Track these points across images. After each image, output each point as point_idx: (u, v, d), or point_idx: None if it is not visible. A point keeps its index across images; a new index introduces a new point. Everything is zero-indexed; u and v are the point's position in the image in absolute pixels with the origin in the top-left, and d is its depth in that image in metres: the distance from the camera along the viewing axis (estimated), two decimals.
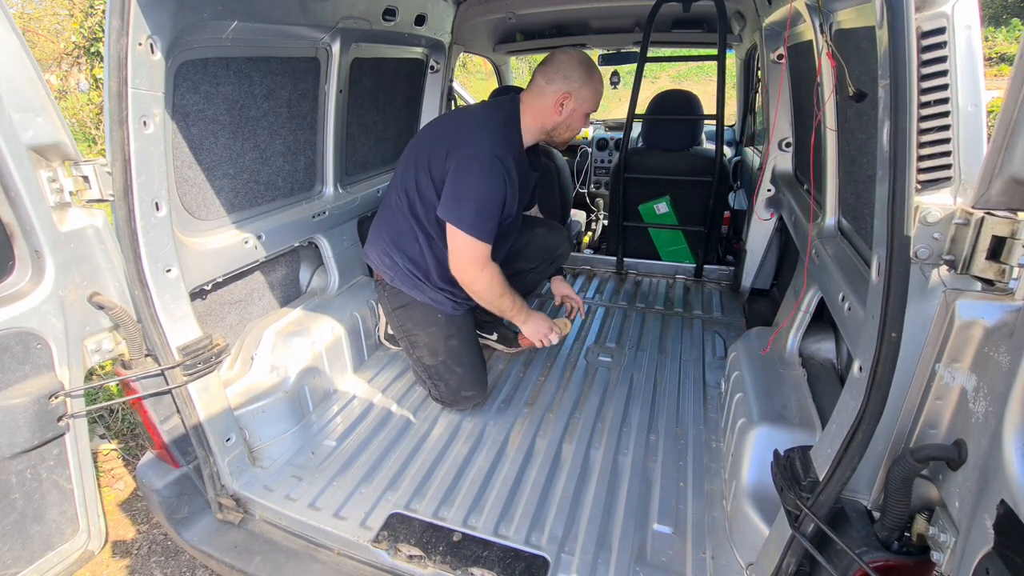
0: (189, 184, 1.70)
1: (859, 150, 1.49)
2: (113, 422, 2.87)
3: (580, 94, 1.88)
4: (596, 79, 1.90)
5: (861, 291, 1.29)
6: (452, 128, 1.93)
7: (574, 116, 1.92)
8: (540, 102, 1.89)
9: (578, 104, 1.89)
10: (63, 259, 1.30)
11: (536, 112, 1.91)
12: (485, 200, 1.78)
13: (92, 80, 8.85)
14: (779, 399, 1.61)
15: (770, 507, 1.37)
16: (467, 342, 2.06)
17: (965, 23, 0.83)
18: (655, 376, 2.34)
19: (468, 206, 1.77)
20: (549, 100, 1.88)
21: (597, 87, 1.92)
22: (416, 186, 1.93)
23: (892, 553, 0.94)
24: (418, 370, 2.15)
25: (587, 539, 1.56)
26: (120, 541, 2.32)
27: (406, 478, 1.79)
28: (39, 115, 1.21)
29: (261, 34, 1.79)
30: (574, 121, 1.94)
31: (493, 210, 1.80)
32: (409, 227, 2.00)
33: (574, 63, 1.86)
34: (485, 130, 1.86)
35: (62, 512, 1.41)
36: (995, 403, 0.78)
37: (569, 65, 1.86)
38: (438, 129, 1.98)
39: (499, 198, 1.80)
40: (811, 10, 1.61)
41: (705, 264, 3.32)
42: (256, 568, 1.54)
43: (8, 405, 1.23)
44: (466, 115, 1.98)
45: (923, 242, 0.85)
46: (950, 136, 0.86)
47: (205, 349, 1.57)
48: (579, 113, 1.92)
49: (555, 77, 1.86)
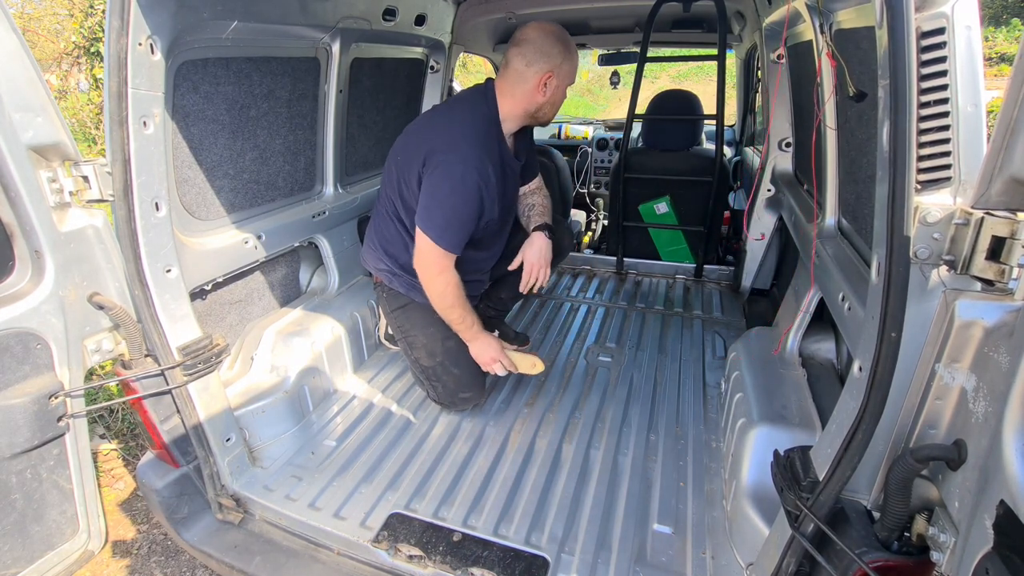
0: (189, 184, 1.70)
1: (859, 150, 1.49)
2: (113, 422, 2.87)
3: (562, 70, 1.82)
4: (573, 50, 1.85)
5: (861, 291, 1.29)
6: (428, 131, 1.88)
7: (558, 92, 1.87)
8: (521, 87, 1.82)
9: (561, 80, 1.85)
10: (63, 259, 1.30)
11: (518, 98, 1.85)
12: (455, 211, 1.75)
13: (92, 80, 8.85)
14: (779, 399, 1.61)
15: (770, 507, 1.37)
16: (464, 343, 2.06)
17: (965, 23, 0.83)
18: (655, 376, 2.34)
19: (438, 216, 1.76)
20: (531, 83, 1.81)
21: (575, 58, 1.87)
22: (398, 191, 1.91)
23: (892, 553, 0.94)
24: (416, 371, 2.15)
25: (587, 539, 1.56)
26: (120, 541, 2.32)
27: (406, 478, 1.79)
28: (39, 115, 1.21)
29: (261, 34, 1.79)
30: (558, 97, 1.89)
31: (463, 221, 1.77)
32: (397, 233, 1.99)
33: (551, 39, 1.79)
34: (460, 133, 1.80)
35: (62, 512, 1.41)
36: (995, 403, 0.78)
37: (546, 42, 1.78)
38: (416, 131, 1.93)
39: (470, 211, 1.77)
40: (811, 10, 1.61)
41: (705, 264, 3.32)
42: (256, 568, 1.54)
43: (8, 405, 1.23)
44: (442, 116, 1.93)
45: (923, 242, 0.85)
46: (950, 136, 0.86)
47: (205, 349, 1.57)
48: (562, 88, 1.88)
49: (535, 58, 1.78)
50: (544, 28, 1.81)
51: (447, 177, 1.74)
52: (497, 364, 2.01)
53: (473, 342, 2.00)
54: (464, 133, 1.80)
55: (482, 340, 2.00)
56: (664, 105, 3.37)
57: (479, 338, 1.99)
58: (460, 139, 1.78)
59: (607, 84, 6.15)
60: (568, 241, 2.47)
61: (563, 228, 2.44)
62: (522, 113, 1.89)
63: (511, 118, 1.90)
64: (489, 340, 2.01)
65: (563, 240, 2.38)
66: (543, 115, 1.92)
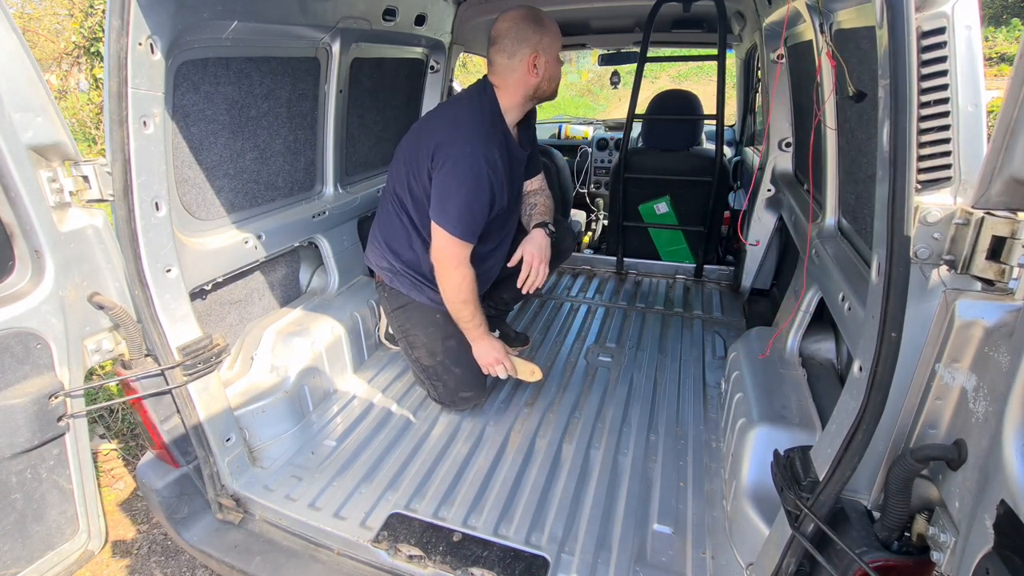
0: (189, 184, 1.70)
1: (859, 150, 1.49)
2: (113, 422, 2.87)
3: (543, 45, 1.82)
4: (547, 22, 1.84)
5: (861, 291, 1.29)
6: (435, 127, 1.91)
7: (550, 67, 1.87)
8: (513, 77, 1.85)
9: (548, 55, 1.84)
10: (63, 259, 1.30)
11: (513, 87, 1.87)
12: (470, 202, 1.78)
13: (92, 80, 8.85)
14: (779, 399, 1.61)
15: (770, 507, 1.37)
16: (465, 343, 2.06)
17: (965, 23, 0.83)
18: (655, 376, 2.34)
19: (451, 208, 1.78)
20: (520, 71, 1.83)
21: (553, 28, 1.85)
22: (407, 187, 1.93)
23: (892, 553, 0.94)
24: (417, 371, 2.15)
25: (587, 539, 1.56)
26: (120, 541, 2.32)
27: (406, 478, 1.79)
28: (39, 115, 1.21)
29: (261, 34, 1.79)
30: (553, 71, 1.89)
31: (478, 210, 1.80)
32: (403, 229, 2.00)
33: (522, 23, 1.80)
34: (466, 126, 1.84)
35: (62, 512, 1.41)
36: (995, 403, 0.78)
37: (519, 28, 1.80)
38: (422, 128, 1.96)
39: (484, 199, 1.79)
40: (811, 10, 1.61)
41: (705, 264, 3.32)
42: (256, 568, 1.54)
43: (8, 405, 1.23)
44: (447, 112, 1.96)
45: (923, 242, 0.85)
46: (950, 136, 0.86)
47: (205, 349, 1.57)
48: (552, 61, 1.87)
49: (515, 48, 1.81)
50: (511, 16, 1.83)
51: (458, 169, 1.77)
52: (500, 366, 2.02)
53: (478, 342, 2.01)
54: (470, 125, 1.84)
55: (487, 341, 2.01)
56: (664, 105, 3.37)
57: (485, 339, 2.01)
58: (466, 132, 1.82)
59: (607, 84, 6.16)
60: (569, 242, 2.47)
61: (564, 229, 2.44)
62: (522, 99, 1.91)
63: (512, 108, 1.92)
64: (493, 342, 2.03)
65: (564, 241, 2.38)
66: (543, 92, 1.93)
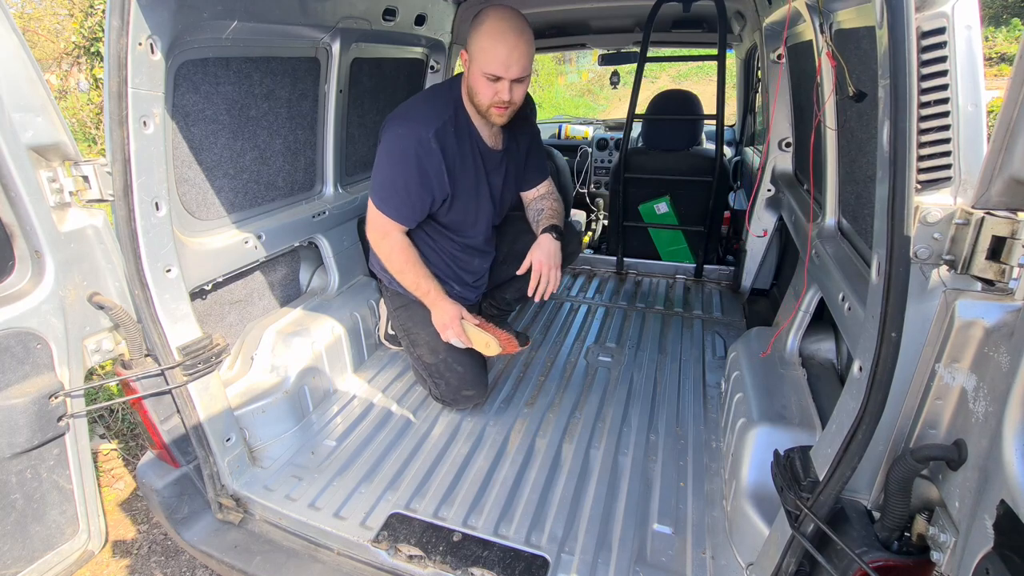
0: (189, 184, 1.70)
1: (859, 150, 1.49)
2: (113, 422, 2.87)
3: (472, 51, 1.66)
4: (490, 31, 1.61)
5: (861, 291, 1.29)
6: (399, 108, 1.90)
7: (472, 74, 1.70)
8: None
9: (475, 64, 1.67)
10: (63, 259, 1.30)
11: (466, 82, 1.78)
12: (394, 178, 1.79)
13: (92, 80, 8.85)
14: (779, 399, 1.61)
15: (770, 507, 1.37)
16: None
17: (965, 23, 0.83)
18: (655, 376, 2.34)
19: (376, 180, 1.83)
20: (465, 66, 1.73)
21: (488, 40, 1.62)
22: None
23: (892, 553, 0.94)
24: (419, 369, 2.15)
25: (587, 539, 1.56)
26: (120, 541, 2.32)
27: (406, 478, 1.79)
28: (39, 115, 1.21)
29: (261, 34, 1.79)
30: (473, 82, 1.71)
31: (399, 189, 1.80)
32: None
33: (479, 18, 1.66)
34: (413, 109, 1.84)
35: (62, 512, 1.41)
36: (995, 403, 0.78)
37: (475, 21, 1.67)
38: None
39: (408, 180, 1.77)
40: (811, 10, 1.61)
41: (705, 264, 3.32)
42: (256, 568, 1.54)
43: (8, 405, 1.23)
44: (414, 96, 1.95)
45: (923, 242, 0.85)
46: (950, 136, 0.86)
47: (205, 349, 1.57)
48: (476, 73, 1.68)
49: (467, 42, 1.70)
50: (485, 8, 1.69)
51: (388, 145, 1.79)
52: (450, 331, 1.94)
53: (433, 307, 1.96)
54: (416, 108, 1.85)
55: (441, 307, 1.94)
56: (664, 105, 3.37)
57: (436, 304, 1.95)
58: (412, 113, 1.83)
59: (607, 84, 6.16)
60: (575, 245, 2.46)
61: (572, 232, 2.41)
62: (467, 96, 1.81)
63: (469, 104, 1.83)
64: (446, 307, 1.94)
65: (570, 244, 2.33)
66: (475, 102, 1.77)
